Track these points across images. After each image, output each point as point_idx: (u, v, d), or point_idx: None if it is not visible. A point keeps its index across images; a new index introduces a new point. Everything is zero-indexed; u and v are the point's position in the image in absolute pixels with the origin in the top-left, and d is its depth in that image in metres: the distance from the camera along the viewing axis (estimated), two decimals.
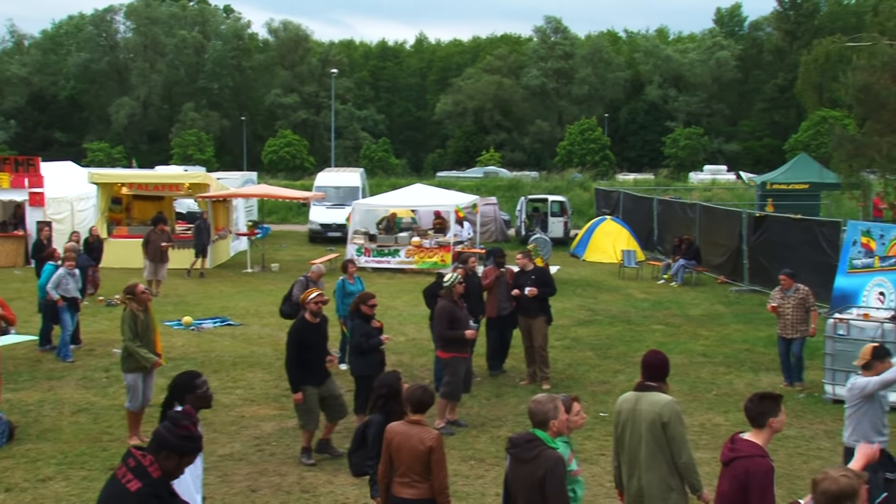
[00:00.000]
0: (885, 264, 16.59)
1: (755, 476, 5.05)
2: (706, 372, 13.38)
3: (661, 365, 6.14)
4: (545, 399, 5.45)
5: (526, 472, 5.22)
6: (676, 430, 5.84)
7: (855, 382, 7.09)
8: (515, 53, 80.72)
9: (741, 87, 76.64)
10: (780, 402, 5.31)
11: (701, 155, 65.34)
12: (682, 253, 22.17)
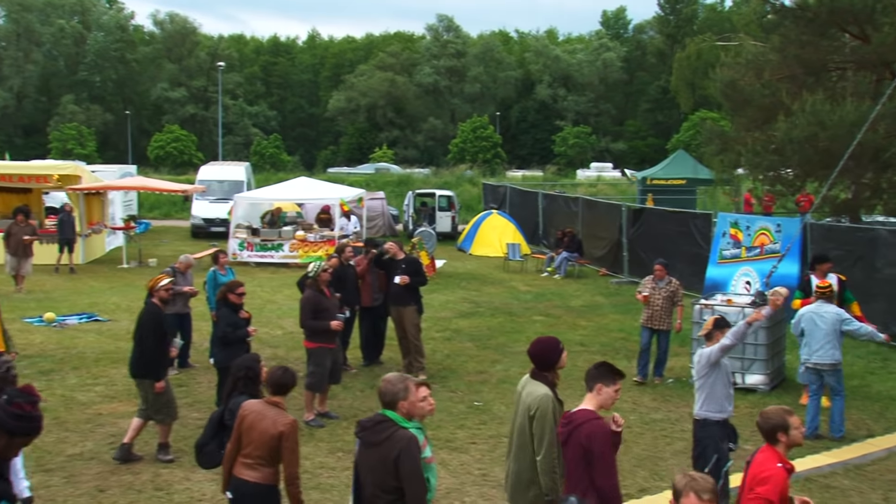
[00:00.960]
0: (752, 254, 17.25)
1: (596, 438, 5.05)
2: (582, 360, 13.44)
3: (540, 354, 5.79)
4: (395, 379, 5.24)
5: (377, 456, 4.97)
6: (541, 426, 5.61)
7: (701, 353, 7.29)
8: (408, 51, 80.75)
9: (626, 87, 78.91)
10: (615, 376, 5.31)
11: (589, 153, 66.93)
12: (565, 246, 22.50)
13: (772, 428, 5.09)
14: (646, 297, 12.09)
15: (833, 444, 9.58)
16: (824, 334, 9.69)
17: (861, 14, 15.20)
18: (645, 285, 12.35)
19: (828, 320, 9.73)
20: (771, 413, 5.17)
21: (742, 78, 17.06)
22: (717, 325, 7.39)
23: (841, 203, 16.93)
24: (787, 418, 5.10)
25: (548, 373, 5.74)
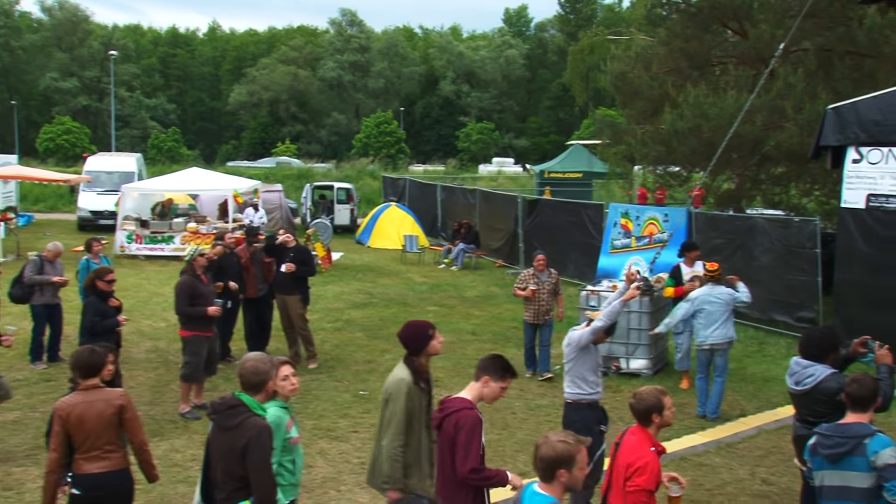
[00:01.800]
0: (641, 244, 17.61)
1: (462, 427, 4.93)
2: (472, 349, 13.52)
3: (408, 338, 5.60)
4: (263, 358, 5.01)
5: (227, 441, 4.74)
6: (391, 410, 5.45)
7: (571, 335, 7.26)
8: (312, 45, 79.71)
9: (529, 85, 79.91)
10: (506, 373, 5.18)
11: (492, 149, 67.48)
12: (462, 237, 22.51)
13: (646, 409, 5.02)
14: (534, 291, 11.51)
15: (708, 424, 9.79)
16: (720, 314, 9.92)
17: (740, 10, 15.67)
18: (526, 280, 11.65)
19: (722, 301, 9.98)
20: (645, 394, 5.10)
21: (631, 70, 17.38)
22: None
23: (724, 193, 17.42)
24: (661, 398, 5.06)
25: (416, 357, 5.57)
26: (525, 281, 11.65)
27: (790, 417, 7.11)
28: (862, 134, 12.39)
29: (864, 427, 4.89)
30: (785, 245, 14.02)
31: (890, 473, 4.71)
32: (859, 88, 13.73)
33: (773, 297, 14.25)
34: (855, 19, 14.44)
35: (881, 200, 12.01)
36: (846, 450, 4.86)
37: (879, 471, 4.73)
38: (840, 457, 4.86)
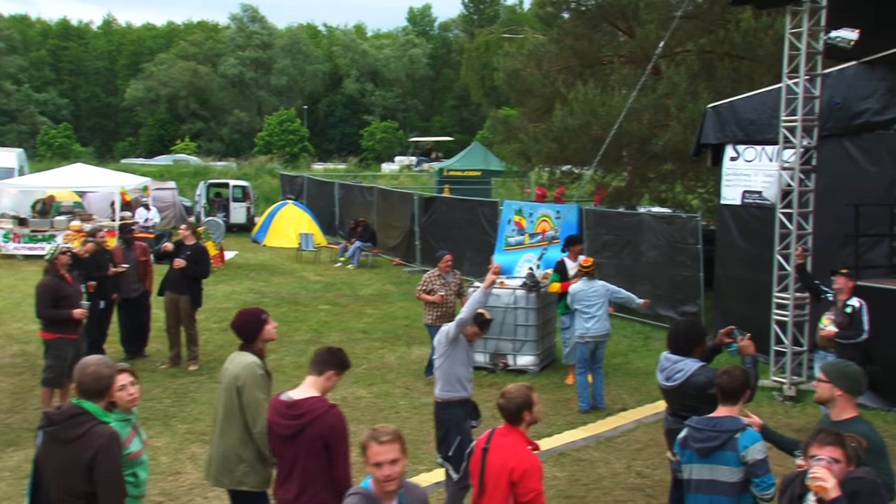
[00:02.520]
0: (534, 241, 17.71)
1: (336, 429, 4.73)
2: (362, 347, 13.32)
3: (241, 326, 5.49)
4: (104, 363, 4.60)
5: (67, 454, 4.24)
6: (251, 396, 5.25)
7: (440, 330, 7.12)
8: (212, 41, 77.75)
9: (433, 84, 79.93)
10: (346, 365, 5.04)
11: (397, 148, 67.22)
12: (358, 235, 22.26)
13: (517, 407, 4.89)
14: (443, 296, 10.94)
15: (589, 418, 9.84)
16: (598, 307, 9.99)
17: (627, 11, 15.95)
18: (431, 282, 11.11)
19: (600, 293, 10.05)
20: (514, 392, 4.97)
21: (524, 68, 17.46)
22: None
23: (615, 191, 17.71)
24: (530, 395, 4.95)
25: (252, 344, 5.39)
26: (430, 283, 11.08)
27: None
28: (739, 132, 12.72)
29: (735, 421, 4.88)
30: (669, 241, 14.31)
31: (759, 469, 4.73)
32: (738, 89, 14.12)
33: (658, 291, 14.52)
34: (732, 22, 14.86)
35: (755, 197, 12.35)
36: (717, 444, 4.84)
37: (749, 466, 4.74)
38: (711, 451, 4.85)
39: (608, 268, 15.77)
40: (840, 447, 3.92)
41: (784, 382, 10.46)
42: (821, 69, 10.44)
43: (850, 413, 4.67)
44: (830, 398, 4.67)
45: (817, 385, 4.75)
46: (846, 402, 4.64)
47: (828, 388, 4.67)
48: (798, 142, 10.48)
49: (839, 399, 4.64)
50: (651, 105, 14.95)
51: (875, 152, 10.86)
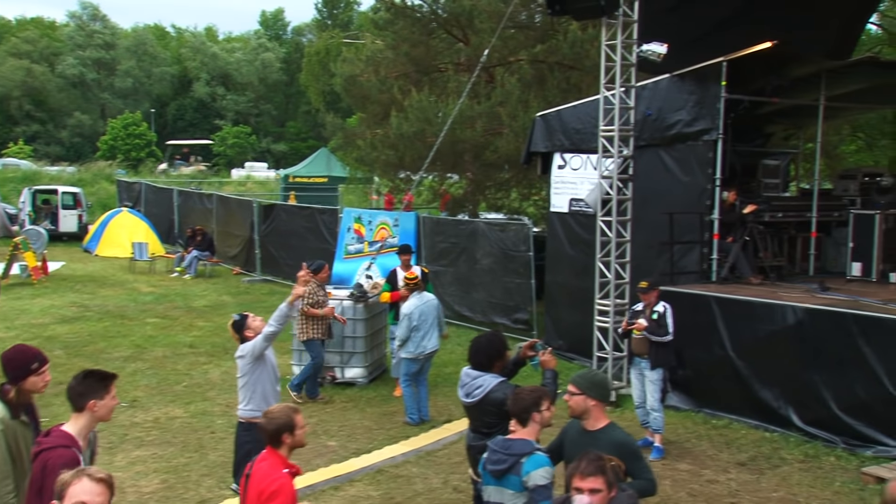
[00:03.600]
0: (373, 249, 17.47)
1: (51, 471, 4.23)
2: (185, 363, 12.69)
3: (6, 362, 4.88)
4: None
5: None
6: None
7: (243, 347, 6.75)
8: (48, 39, 73.41)
9: (287, 89, 78.48)
10: (108, 382, 4.57)
11: (250, 154, 65.55)
12: (196, 244, 21.38)
13: (277, 429, 4.61)
14: (332, 309, 10.64)
15: (412, 432, 9.66)
16: (432, 321, 9.82)
17: (461, 18, 15.99)
18: (316, 294, 10.58)
19: (433, 307, 9.86)
20: (276, 413, 4.69)
21: (362, 74, 17.22)
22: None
23: (453, 198, 17.72)
24: (293, 417, 4.67)
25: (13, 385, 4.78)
26: (316, 295, 10.57)
27: None
28: (566, 141, 12.93)
29: (525, 445, 4.73)
30: (503, 249, 14.39)
31: (539, 495, 4.60)
32: (567, 98, 14.38)
33: (492, 299, 14.61)
34: (561, 33, 15.15)
35: (581, 205, 12.56)
36: (506, 467, 4.70)
37: (530, 491, 4.61)
38: (501, 473, 4.71)
39: (445, 276, 15.77)
40: (601, 475, 3.86)
41: None
42: (635, 81, 10.70)
43: (604, 421, 4.69)
44: (585, 409, 4.66)
45: (570, 399, 4.71)
46: (599, 410, 4.68)
47: (581, 400, 4.66)
48: (615, 151, 10.70)
49: (593, 409, 4.65)
50: (485, 113, 15.03)
51: (687, 162, 11.24)
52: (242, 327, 6.80)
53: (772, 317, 9.45)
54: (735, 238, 11.17)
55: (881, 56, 14.41)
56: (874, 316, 8.63)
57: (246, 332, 6.78)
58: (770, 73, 11.13)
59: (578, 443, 4.71)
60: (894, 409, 8.26)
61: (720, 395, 9.94)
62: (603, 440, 4.61)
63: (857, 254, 11.46)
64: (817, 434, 8.90)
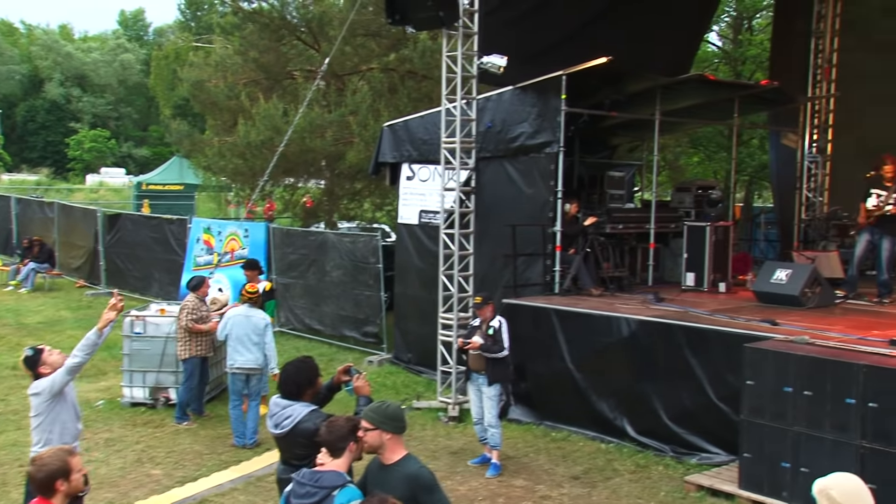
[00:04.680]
0: (223, 260, 16.83)
1: None
2: (5, 387, 11.81)
3: None
4: None
5: None
6: None
7: (39, 384, 6.11)
8: None
9: (149, 92, 75.63)
10: None
11: (109, 159, 62.66)
12: (33, 256, 20.07)
13: (49, 476, 4.19)
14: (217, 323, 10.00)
15: (245, 455, 9.24)
16: (240, 336, 9.39)
17: (312, 25, 15.64)
18: (199, 309, 10.24)
19: (245, 323, 9.45)
20: (48, 457, 4.27)
21: (210, 79, 16.58)
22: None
23: (305, 208, 17.31)
24: (68, 461, 4.25)
25: None
26: (199, 310, 10.21)
27: None
28: (413, 152, 12.79)
29: (336, 477, 4.44)
30: (352, 260, 14.12)
31: None
32: (418, 108, 14.25)
33: (342, 312, 14.33)
34: (412, 42, 15.05)
35: (430, 216, 12.43)
36: (315, 500, 4.40)
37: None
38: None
39: (295, 288, 15.37)
40: None
41: (450, 402, 10.52)
42: (476, 93, 10.66)
43: (401, 453, 4.50)
44: (380, 444, 4.46)
45: (364, 435, 4.49)
46: (395, 443, 4.49)
47: (376, 435, 4.46)
48: (458, 163, 10.62)
49: (389, 442, 4.46)
50: (335, 122, 14.72)
51: (531, 174, 11.29)
52: (36, 363, 6.18)
53: (608, 329, 9.57)
54: (577, 250, 11.31)
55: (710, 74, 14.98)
56: (699, 327, 8.86)
57: (41, 368, 6.16)
58: (608, 87, 11.34)
59: (377, 478, 4.51)
60: (717, 418, 8.47)
61: (560, 407, 10.00)
62: (397, 474, 4.42)
63: (691, 264, 11.82)
64: (649, 443, 9.05)
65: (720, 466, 8.30)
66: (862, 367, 6.85)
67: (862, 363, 6.89)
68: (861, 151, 14.65)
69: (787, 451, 7.22)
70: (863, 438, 6.74)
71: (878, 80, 15.26)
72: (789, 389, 7.24)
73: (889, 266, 10.65)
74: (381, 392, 11.66)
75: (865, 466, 6.68)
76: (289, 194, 16.70)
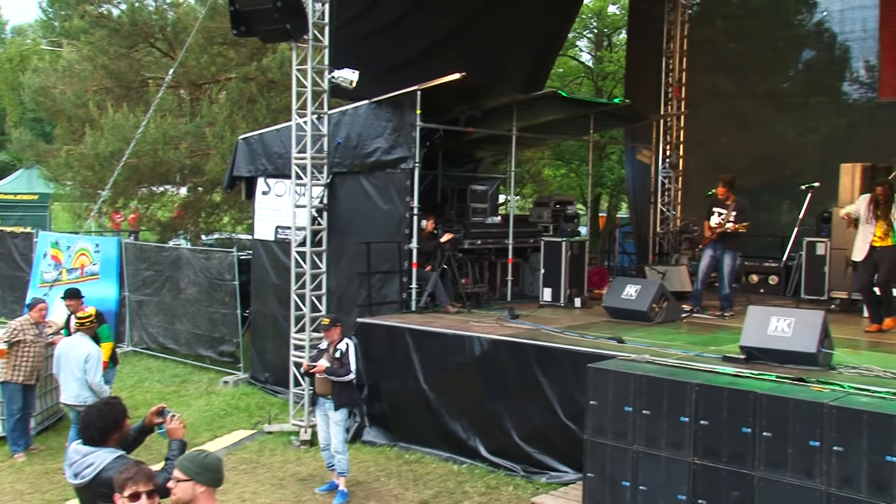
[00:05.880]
0: (72, 276, 15.95)
1: None
2: None
3: None
4: None
5: None
6: None
7: None
8: None
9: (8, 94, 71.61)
10: None
11: None
12: None
13: None
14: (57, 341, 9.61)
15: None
16: (66, 368, 8.78)
17: (166, 32, 15.03)
18: (25, 329, 9.66)
19: (76, 358, 8.79)
20: None
21: (55, 86, 15.68)
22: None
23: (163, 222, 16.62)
24: None
25: None
26: (24, 331, 9.59)
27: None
28: (269, 166, 12.43)
29: None
30: (208, 277, 13.61)
31: None
32: (277, 120, 13.90)
33: (198, 331, 13.80)
34: (272, 52, 14.66)
35: (286, 232, 12.09)
36: None
37: None
38: None
39: (149, 305, 14.72)
40: None
41: (302, 426, 10.21)
42: (327, 107, 10.43)
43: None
44: (192, 497, 4.11)
45: (175, 487, 4.15)
46: (208, 498, 4.12)
47: (189, 488, 4.11)
48: (309, 179, 10.36)
49: (202, 496, 4.10)
50: (191, 133, 14.15)
51: (387, 190, 11.13)
52: None
53: (460, 348, 9.49)
54: (433, 267, 11.22)
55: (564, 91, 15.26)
56: (548, 346, 8.88)
57: None
58: (464, 103, 11.32)
59: None
60: (566, 437, 8.50)
61: (414, 428, 9.86)
62: None
63: (548, 279, 11.92)
64: (501, 463, 9.02)
65: (568, 485, 8.34)
66: (695, 385, 6.98)
67: (695, 382, 7.02)
68: (713, 167, 15.29)
69: (627, 470, 7.28)
70: (695, 455, 6.86)
71: (727, 99, 15.98)
72: (629, 409, 7.32)
73: (731, 280, 11.02)
74: (233, 415, 11.26)
75: (697, 483, 6.82)
76: (143, 207, 15.96)
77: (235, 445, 9.89)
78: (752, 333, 7.86)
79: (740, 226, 10.74)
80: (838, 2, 14.91)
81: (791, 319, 7.75)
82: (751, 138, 15.87)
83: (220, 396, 12.07)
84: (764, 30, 15.74)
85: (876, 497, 5.90)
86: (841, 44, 15.31)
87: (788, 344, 7.63)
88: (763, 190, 15.53)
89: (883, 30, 14.27)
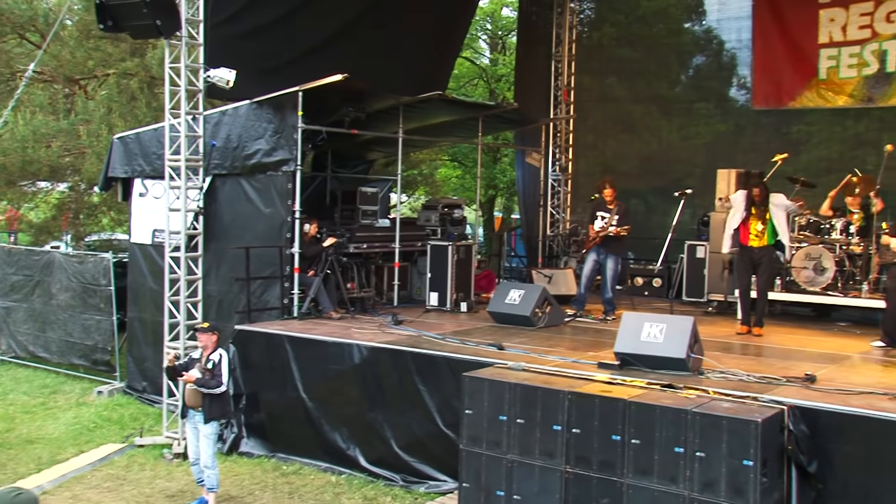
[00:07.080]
0: None
1: None
2: None
3: None
4: None
5: None
6: None
7: None
8: None
9: None
10: None
11: None
12: None
13: None
14: None
15: None
16: None
17: (37, 23, 14.25)
18: None
19: None
20: None
21: None
22: None
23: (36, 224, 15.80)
24: None
25: None
26: None
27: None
28: (147, 167, 11.94)
29: None
30: (82, 282, 12.98)
31: None
32: (158, 118, 13.29)
33: (71, 338, 13.16)
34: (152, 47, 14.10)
35: (164, 236, 11.61)
36: None
37: None
38: None
39: (18, 312, 13.99)
40: None
41: (176, 438, 9.81)
42: (202, 108, 10.05)
43: None
44: None
45: None
46: None
47: None
48: (184, 182, 9.96)
49: None
50: (63, 131, 13.46)
51: (268, 193, 10.81)
52: None
53: (340, 355, 9.27)
54: (316, 272, 10.97)
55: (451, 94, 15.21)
56: (428, 353, 8.76)
57: None
58: (348, 105, 11.10)
59: None
60: (445, 445, 8.39)
61: (293, 438, 9.59)
62: None
63: (434, 283, 11.82)
64: (380, 473, 8.84)
65: (446, 494, 8.24)
66: (567, 393, 6.96)
67: (567, 390, 7.01)
68: (602, 170, 15.50)
69: (502, 480, 7.23)
70: (567, 464, 6.86)
71: (617, 104, 16.22)
72: (504, 418, 7.26)
73: (613, 284, 11.15)
74: (104, 427, 10.75)
75: (569, 491, 6.81)
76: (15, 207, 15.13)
77: (102, 460, 9.41)
78: (626, 340, 7.91)
79: (622, 229, 10.87)
80: (716, 11, 15.31)
81: (663, 325, 7.83)
82: (639, 142, 16.18)
83: (91, 408, 11.50)
84: (652, 36, 16.05)
85: (734, 500, 6.00)
86: (728, 51, 15.70)
87: (660, 350, 7.71)
88: (651, 193, 15.83)
89: (756, 41, 14.74)
